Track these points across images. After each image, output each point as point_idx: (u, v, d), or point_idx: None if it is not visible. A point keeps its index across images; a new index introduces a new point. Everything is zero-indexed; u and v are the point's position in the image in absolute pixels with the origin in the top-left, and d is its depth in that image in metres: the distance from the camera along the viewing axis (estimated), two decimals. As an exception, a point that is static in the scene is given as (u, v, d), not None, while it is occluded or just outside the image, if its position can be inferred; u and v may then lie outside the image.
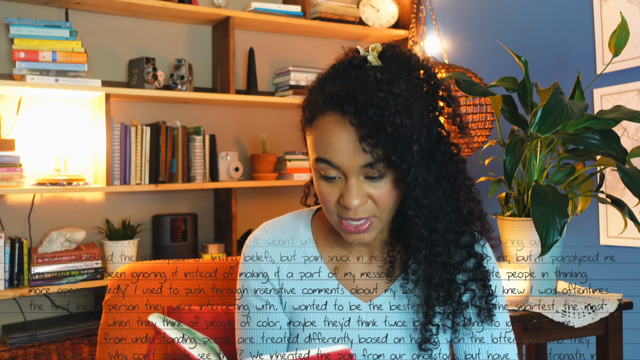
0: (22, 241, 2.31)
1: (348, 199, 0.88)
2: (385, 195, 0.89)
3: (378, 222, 0.92)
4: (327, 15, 3.05)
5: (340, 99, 0.86)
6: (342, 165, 0.87)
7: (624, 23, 1.65)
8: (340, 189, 0.90)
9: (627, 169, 1.49)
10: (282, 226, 1.07)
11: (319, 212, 1.08)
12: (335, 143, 0.87)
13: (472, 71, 2.36)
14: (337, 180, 0.90)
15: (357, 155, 0.86)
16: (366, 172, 0.87)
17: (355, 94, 0.84)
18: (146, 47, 2.77)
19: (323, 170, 0.90)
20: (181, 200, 2.84)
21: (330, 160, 0.88)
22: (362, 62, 0.91)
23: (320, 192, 0.92)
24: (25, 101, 2.48)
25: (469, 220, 0.96)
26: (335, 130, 0.87)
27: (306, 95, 0.95)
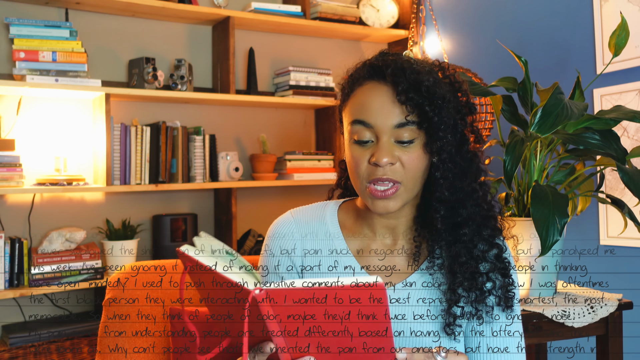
0: (22, 241, 2.31)
1: (379, 155, 0.93)
2: (414, 160, 0.95)
3: (404, 190, 0.96)
4: (327, 15, 3.05)
5: (379, 67, 0.96)
6: (376, 123, 0.94)
7: (624, 23, 1.65)
8: (372, 151, 0.95)
9: (627, 169, 1.49)
10: (309, 212, 1.10)
11: (346, 203, 1.11)
12: (372, 103, 0.95)
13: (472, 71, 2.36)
14: (370, 144, 0.96)
15: (391, 113, 0.93)
16: (398, 134, 0.94)
17: (394, 60, 0.96)
18: (146, 47, 2.77)
19: (357, 133, 0.96)
20: (181, 200, 2.84)
21: (365, 119, 0.95)
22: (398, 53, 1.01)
23: (352, 157, 0.98)
24: (25, 101, 2.48)
25: (489, 215, 1.01)
26: (372, 92, 0.96)
27: (344, 79, 1.03)
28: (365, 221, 1.06)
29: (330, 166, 3.01)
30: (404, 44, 3.25)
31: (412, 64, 0.95)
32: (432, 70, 0.97)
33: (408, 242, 1.04)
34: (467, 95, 1.01)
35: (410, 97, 0.91)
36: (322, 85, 3.02)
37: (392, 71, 0.93)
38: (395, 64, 0.94)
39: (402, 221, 1.04)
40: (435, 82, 0.94)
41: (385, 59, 0.97)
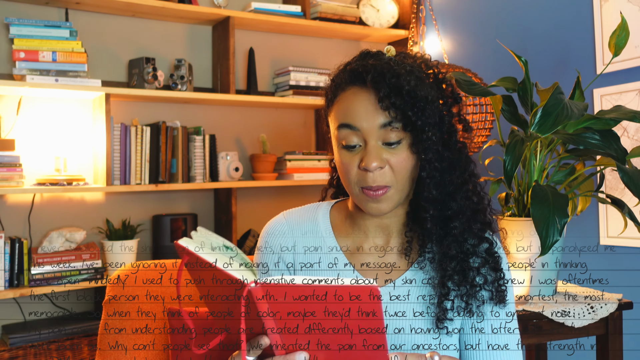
0: (22, 241, 2.31)
1: (367, 160, 0.94)
2: (402, 162, 0.95)
3: (394, 191, 0.97)
4: (327, 15, 3.05)
5: (360, 72, 0.95)
6: (362, 127, 0.94)
7: (624, 23, 1.65)
8: (361, 156, 0.96)
9: (627, 169, 1.49)
10: (301, 214, 1.10)
11: (338, 203, 1.12)
12: (356, 107, 0.95)
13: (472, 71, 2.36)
14: (358, 148, 0.96)
15: (375, 115, 0.93)
16: (384, 135, 0.94)
17: (373, 65, 0.95)
18: (146, 47, 2.77)
19: (344, 138, 0.96)
20: (181, 200, 2.84)
21: (351, 123, 0.95)
22: (379, 53, 1.01)
23: (342, 163, 0.98)
24: (25, 101, 2.48)
25: (478, 209, 1.01)
26: (355, 97, 0.96)
27: (328, 83, 1.03)
28: (358, 221, 1.06)
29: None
30: (404, 44, 3.25)
31: (393, 67, 0.94)
32: (414, 69, 0.96)
33: (400, 238, 1.05)
34: (452, 86, 1.01)
35: (393, 102, 0.92)
36: (322, 85, 3.02)
37: (372, 77, 0.93)
38: (374, 69, 0.94)
39: (394, 220, 1.04)
40: (416, 84, 0.93)
41: (365, 63, 0.96)
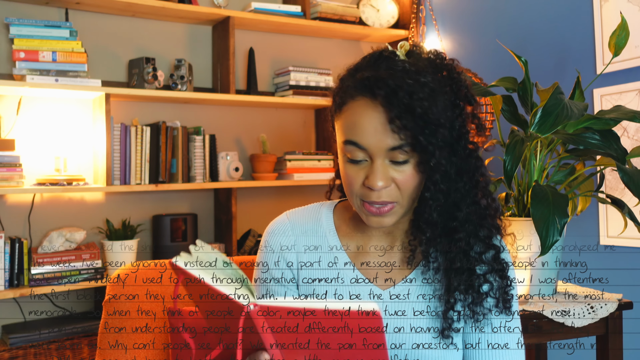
0: (22, 241, 2.31)
1: (373, 179, 0.91)
2: (408, 180, 0.92)
3: (399, 207, 0.95)
4: (327, 15, 3.05)
5: (371, 83, 0.90)
6: (370, 146, 0.91)
7: (624, 23, 1.65)
8: (366, 172, 0.93)
9: (627, 169, 1.49)
10: (304, 214, 1.09)
11: (341, 203, 1.11)
12: (364, 125, 0.90)
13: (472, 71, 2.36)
14: (363, 163, 0.93)
15: (385, 137, 0.89)
16: (392, 155, 0.91)
17: (385, 79, 0.89)
18: (146, 47, 2.77)
19: (350, 152, 0.93)
20: (181, 200, 2.84)
21: (358, 142, 0.91)
22: (392, 55, 0.96)
23: (346, 175, 0.95)
24: (25, 101, 2.48)
25: (486, 214, 0.99)
26: (364, 112, 0.91)
27: (337, 84, 0.99)
28: (361, 222, 1.05)
29: (330, 166, 3.01)
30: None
31: (406, 80, 0.89)
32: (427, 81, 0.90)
33: (404, 244, 1.04)
34: (467, 87, 0.98)
35: (404, 124, 0.88)
36: (322, 85, 3.02)
37: (385, 94, 0.88)
38: (387, 85, 0.88)
39: (398, 227, 1.03)
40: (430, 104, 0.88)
41: (378, 74, 0.90)
